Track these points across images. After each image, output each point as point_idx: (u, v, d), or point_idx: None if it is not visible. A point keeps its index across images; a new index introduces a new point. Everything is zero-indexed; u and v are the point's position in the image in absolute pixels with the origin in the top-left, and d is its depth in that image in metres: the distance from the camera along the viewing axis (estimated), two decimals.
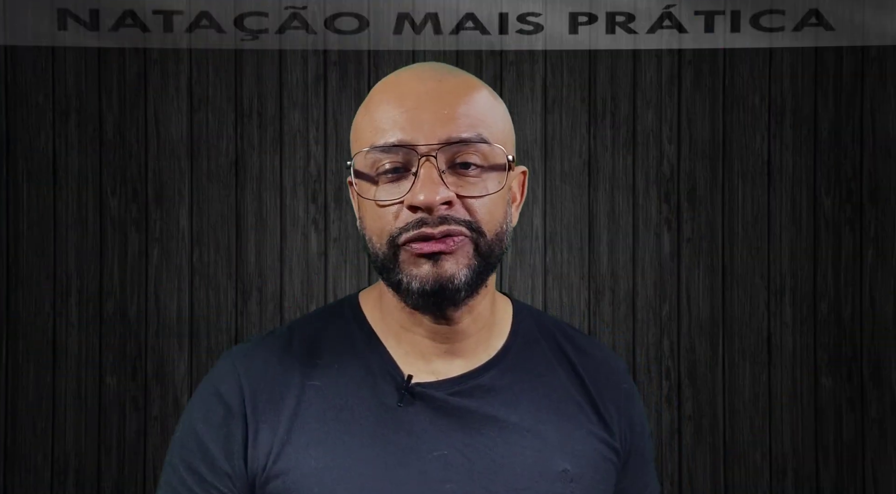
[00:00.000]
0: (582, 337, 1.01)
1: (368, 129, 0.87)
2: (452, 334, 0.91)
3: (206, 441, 0.88)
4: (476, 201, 0.85)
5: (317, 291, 2.31)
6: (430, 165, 0.83)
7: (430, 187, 0.83)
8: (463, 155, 0.85)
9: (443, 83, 0.87)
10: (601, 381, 0.96)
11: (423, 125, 0.84)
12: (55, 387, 2.30)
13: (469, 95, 0.87)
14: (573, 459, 0.90)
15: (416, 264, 0.85)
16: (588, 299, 2.32)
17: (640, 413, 1.00)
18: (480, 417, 0.88)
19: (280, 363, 0.90)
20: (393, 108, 0.86)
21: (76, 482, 2.29)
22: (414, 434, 0.87)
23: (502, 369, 0.92)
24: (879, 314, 2.30)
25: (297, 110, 2.32)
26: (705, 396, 2.31)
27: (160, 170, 2.31)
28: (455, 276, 0.84)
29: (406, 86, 0.87)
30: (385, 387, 0.89)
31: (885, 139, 2.31)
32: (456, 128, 0.84)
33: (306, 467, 0.85)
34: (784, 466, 2.31)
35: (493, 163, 0.86)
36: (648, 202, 2.32)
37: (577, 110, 2.33)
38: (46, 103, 2.31)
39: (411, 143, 0.84)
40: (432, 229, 0.83)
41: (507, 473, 0.87)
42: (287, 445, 0.86)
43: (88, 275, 2.30)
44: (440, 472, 0.86)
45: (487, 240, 0.86)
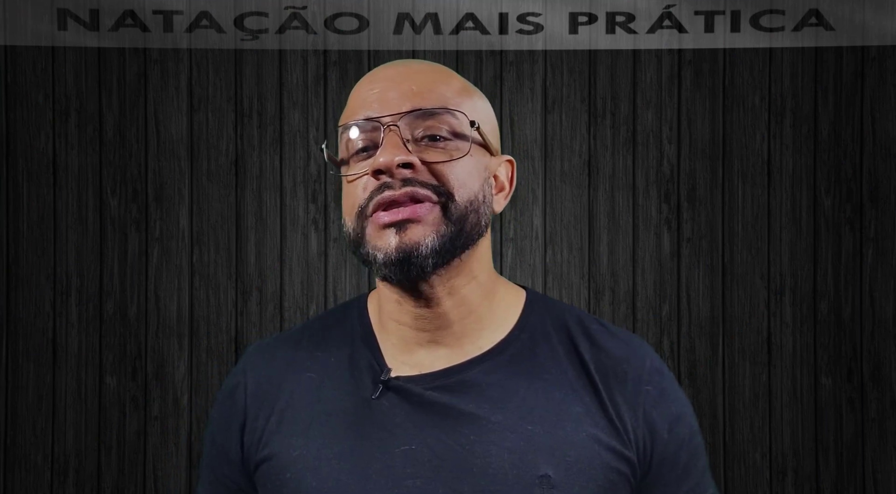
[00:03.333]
0: (606, 333, 0.93)
1: (344, 117, 0.90)
2: (434, 318, 0.89)
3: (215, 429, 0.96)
4: (443, 165, 0.85)
5: (317, 291, 2.31)
6: (393, 134, 0.84)
7: (390, 150, 0.83)
8: (429, 127, 0.85)
9: (411, 67, 0.90)
10: (617, 383, 0.89)
11: (389, 101, 0.86)
12: (55, 387, 2.30)
13: (437, 76, 0.89)
14: (562, 465, 0.84)
15: (382, 236, 0.84)
16: (588, 299, 2.32)
17: (673, 417, 0.90)
18: (458, 413, 0.86)
19: (285, 357, 0.94)
20: (364, 91, 0.88)
21: (76, 482, 2.29)
22: (386, 428, 0.86)
23: (495, 364, 0.89)
24: (879, 313, 2.30)
25: (297, 110, 2.32)
26: (705, 396, 2.31)
27: (160, 170, 2.31)
28: (420, 243, 0.83)
29: (379, 72, 0.90)
30: (366, 380, 0.89)
31: (885, 139, 2.31)
32: (421, 100, 0.85)
33: (286, 455, 0.88)
34: (784, 466, 2.31)
35: (461, 132, 0.87)
36: (648, 202, 2.32)
37: (577, 110, 2.33)
38: (46, 103, 2.31)
39: (377, 116, 0.85)
40: (394, 191, 0.83)
41: (477, 473, 0.84)
42: (276, 433, 0.90)
43: (88, 275, 2.30)
44: (405, 467, 0.84)
45: (458, 205, 0.85)
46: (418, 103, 0.85)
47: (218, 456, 0.95)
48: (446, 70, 0.91)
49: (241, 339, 2.30)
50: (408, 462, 0.84)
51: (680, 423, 0.91)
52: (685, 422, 0.92)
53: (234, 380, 0.95)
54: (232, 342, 2.30)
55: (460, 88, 0.90)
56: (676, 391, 0.93)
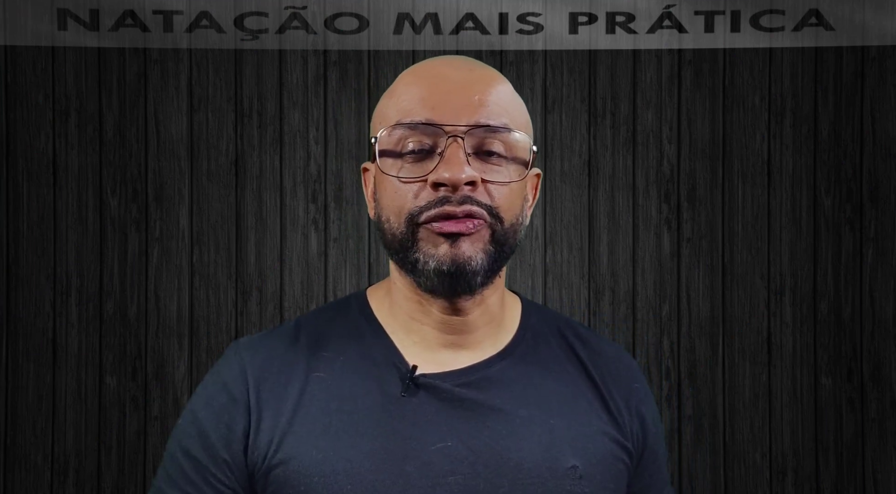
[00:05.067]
0: (593, 336, 0.99)
1: (394, 109, 0.87)
2: (461, 325, 0.90)
3: (206, 428, 0.87)
4: (498, 187, 0.85)
5: (317, 291, 2.31)
6: (457, 145, 0.83)
7: (457, 165, 0.82)
8: (488, 143, 0.85)
9: (473, 72, 0.88)
10: (612, 379, 0.95)
11: (452, 107, 0.84)
12: (55, 387, 2.30)
13: (497, 85, 0.88)
14: (583, 456, 0.88)
15: (435, 243, 0.84)
16: (588, 299, 2.32)
17: (653, 414, 0.98)
18: (487, 409, 0.87)
19: (285, 354, 0.90)
20: (422, 89, 0.86)
21: (76, 482, 2.29)
22: (418, 425, 0.85)
23: (512, 361, 0.91)
24: (879, 313, 2.30)
25: (297, 110, 2.32)
26: (705, 396, 2.31)
27: (160, 170, 2.31)
28: (473, 258, 0.84)
29: (437, 70, 0.88)
30: (389, 378, 0.87)
31: (885, 139, 2.31)
32: (486, 114, 0.85)
33: (308, 457, 0.84)
34: (784, 466, 2.31)
35: (516, 155, 0.87)
36: (648, 202, 2.32)
37: (577, 110, 2.33)
38: (46, 103, 2.31)
39: (439, 122, 0.84)
40: (455, 207, 0.83)
41: (513, 467, 0.85)
42: (289, 434, 0.85)
43: (88, 275, 2.30)
44: (444, 464, 0.84)
45: (504, 228, 0.86)
46: (485, 117, 0.84)
47: (207, 460, 0.87)
48: (500, 75, 0.91)
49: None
50: (446, 459, 0.84)
51: (657, 418, 1.00)
52: (659, 420, 1.01)
53: (231, 376, 0.89)
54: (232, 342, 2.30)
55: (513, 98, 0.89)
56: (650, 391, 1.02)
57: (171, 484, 0.88)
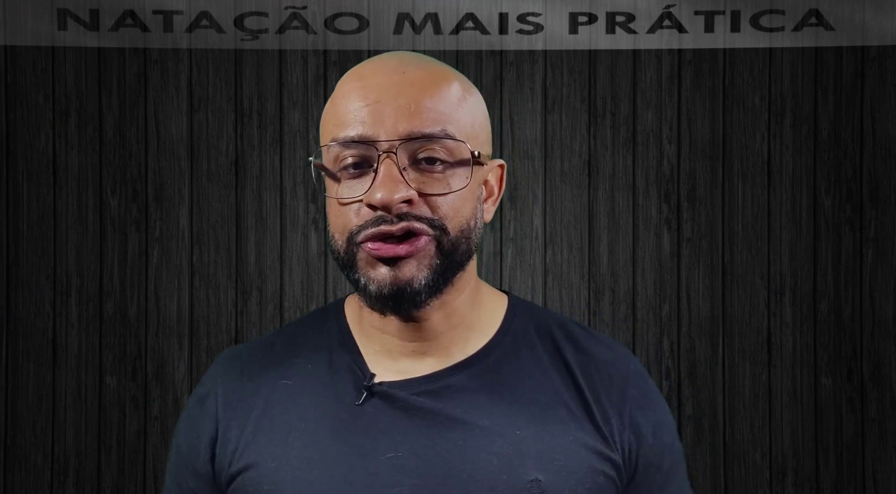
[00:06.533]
0: (590, 338, 0.93)
1: (332, 122, 0.86)
2: (421, 331, 0.87)
3: (181, 438, 0.92)
4: (440, 198, 0.82)
5: (317, 291, 2.31)
6: (390, 163, 0.80)
7: (389, 186, 0.80)
8: (426, 150, 0.82)
9: (406, 75, 0.84)
10: (602, 386, 0.89)
11: (384, 120, 0.81)
12: (55, 387, 2.30)
13: (435, 87, 0.84)
14: (551, 469, 0.83)
15: (374, 266, 0.82)
16: (588, 299, 2.32)
17: (657, 422, 0.90)
18: (445, 418, 0.84)
19: (259, 363, 0.91)
20: (355, 100, 0.84)
21: (76, 482, 2.29)
22: (369, 434, 0.84)
23: (480, 369, 0.87)
24: (879, 313, 2.30)
25: (297, 110, 2.32)
26: (705, 396, 2.31)
27: (160, 170, 2.31)
28: (414, 279, 0.82)
29: (370, 78, 0.85)
30: (347, 386, 0.87)
31: (885, 139, 2.31)
32: (419, 122, 0.81)
33: (264, 466, 0.85)
34: (784, 466, 2.31)
35: (460, 158, 0.83)
36: (648, 202, 2.32)
37: (577, 110, 2.33)
38: (46, 103, 2.31)
39: (372, 138, 0.81)
40: (391, 226, 0.81)
41: (466, 479, 0.82)
42: (252, 443, 0.86)
43: (88, 275, 2.30)
44: (390, 475, 0.82)
45: (451, 238, 0.83)
46: (416, 126, 0.81)
47: (184, 467, 0.91)
48: (442, 72, 0.86)
49: (241, 339, 2.30)
50: (393, 470, 0.82)
51: (663, 428, 0.91)
52: (668, 428, 0.92)
53: (205, 389, 0.91)
54: (232, 342, 2.30)
55: (456, 98, 0.85)
56: (659, 397, 0.93)
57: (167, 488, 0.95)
